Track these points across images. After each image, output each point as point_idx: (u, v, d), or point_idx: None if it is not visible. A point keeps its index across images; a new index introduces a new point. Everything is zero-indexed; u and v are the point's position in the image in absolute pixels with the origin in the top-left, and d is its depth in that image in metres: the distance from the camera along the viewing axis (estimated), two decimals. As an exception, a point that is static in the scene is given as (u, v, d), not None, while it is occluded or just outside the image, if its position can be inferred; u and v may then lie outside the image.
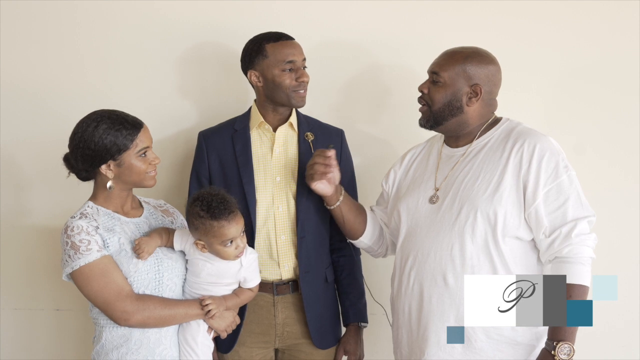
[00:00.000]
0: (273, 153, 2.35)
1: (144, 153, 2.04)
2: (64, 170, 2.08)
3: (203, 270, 2.06)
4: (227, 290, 2.10)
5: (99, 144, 1.99)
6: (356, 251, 2.47)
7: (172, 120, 2.68)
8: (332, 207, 2.30)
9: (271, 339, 2.34)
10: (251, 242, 2.27)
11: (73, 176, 2.09)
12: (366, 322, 2.45)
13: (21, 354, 2.75)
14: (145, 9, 2.69)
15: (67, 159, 2.07)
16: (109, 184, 2.03)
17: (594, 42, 2.73)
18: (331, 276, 2.42)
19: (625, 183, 2.75)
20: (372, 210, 2.40)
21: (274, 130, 2.36)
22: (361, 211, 2.35)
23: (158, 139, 2.55)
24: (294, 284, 2.34)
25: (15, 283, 2.74)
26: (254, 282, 2.14)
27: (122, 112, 2.05)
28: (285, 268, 2.33)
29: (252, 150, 2.35)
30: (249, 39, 2.35)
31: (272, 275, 2.33)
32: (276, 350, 2.41)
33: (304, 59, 2.33)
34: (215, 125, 2.46)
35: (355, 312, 2.42)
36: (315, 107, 2.53)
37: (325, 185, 2.23)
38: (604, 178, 2.71)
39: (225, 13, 2.68)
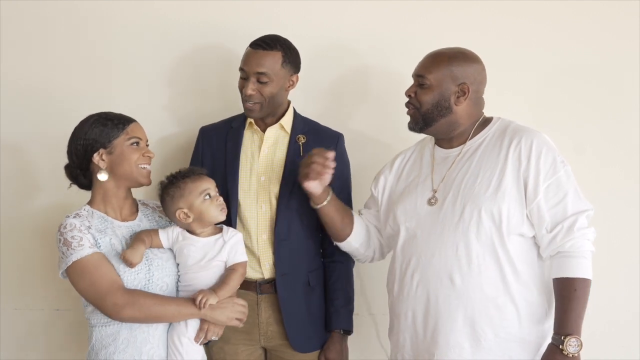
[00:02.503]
0: (261, 153, 2.36)
1: (136, 143, 2.05)
2: (63, 170, 2.08)
3: (189, 255, 2.06)
4: (214, 273, 2.08)
5: (89, 134, 2.02)
6: (347, 257, 2.43)
7: (172, 121, 2.69)
8: (318, 207, 2.26)
9: (255, 338, 2.34)
10: None
11: None
12: (350, 330, 2.40)
13: (21, 354, 2.75)
14: (146, 10, 2.68)
15: (67, 167, 2.10)
16: (101, 174, 2.03)
17: (594, 42, 2.73)
18: (315, 281, 2.39)
19: (625, 183, 2.75)
20: (360, 213, 2.39)
21: (264, 130, 2.37)
22: (348, 213, 2.33)
23: (158, 138, 2.56)
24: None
25: (15, 283, 2.74)
26: (238, 258, 2.11)
27: (114, 112, 2.08)
28: (266, 267, 2.33)
29: (242, 148, 2.36)
30: (248, 39, 2.34)
31: (256, 274, 2.33)
32: (265, 350, 2.41)
33: (260, 73, 2.26)
34: (216, 122, 2.48)
35: (337, 319, 2.38)
36: (312, 108, 2.54)
37: (316, 185, 2.20)
38: (604, 178, 2.71)
39: (225, 14, 2.68)
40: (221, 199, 2.12)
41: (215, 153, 2.38)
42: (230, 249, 2.10)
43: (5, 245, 2.72)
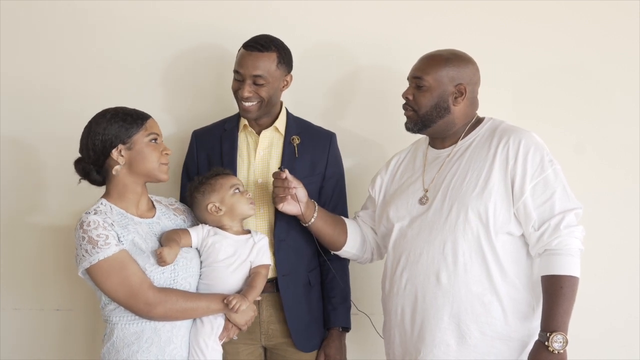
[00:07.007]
0: (256, 155, 2.36)
1: (155, 140, 2.04)
2: (68, 170, 2.07)
3: (221, 250, 2.10)
4: (240, 276, 2.11)
5: (108, 129, 2.00)
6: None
7: (169, 121, 2.67)
8: (307, 225, 2.28)
9: (257, 337, 2.34)
10: None
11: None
12: (348, 326, 2.42)
13: (21, 354, 2.75)
14: (143, 10, 2.69)
15: (78, 162, 2.06)
16: (116, 167, 2.01)
17: (593, 42, 2.73)
18: (315, 280, 2.40)
19: (625, 183, 2.75)
20: (357, 216, 2.40)
21: (259, 133, 2.37)
22: (339, 222, 2.34)
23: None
24: (278, 283, 2.34)
25: (15, 283, 2.74)
26: (264, 260, 2.16)
27: (130, 108, 2.07)
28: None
29: (238, 151, 2.36)
30: (243, 39, 2.34)
31: None
32: (265, 349, 2.41)
33: (256, 75, 2.26)
34: (208, 125, 2.48)
35: (336, 316, 2.39)
36: (308, 109, 2.53)
37: (292, 206, 2.22)
38: (604, 178, 2.71)
39: (220, 14, 2.68)
40: (250, 194, 2.21)
41: (211, 156, 2.38)
42: (259, 250, 2.15)
43: (5, 245, 2.72)
